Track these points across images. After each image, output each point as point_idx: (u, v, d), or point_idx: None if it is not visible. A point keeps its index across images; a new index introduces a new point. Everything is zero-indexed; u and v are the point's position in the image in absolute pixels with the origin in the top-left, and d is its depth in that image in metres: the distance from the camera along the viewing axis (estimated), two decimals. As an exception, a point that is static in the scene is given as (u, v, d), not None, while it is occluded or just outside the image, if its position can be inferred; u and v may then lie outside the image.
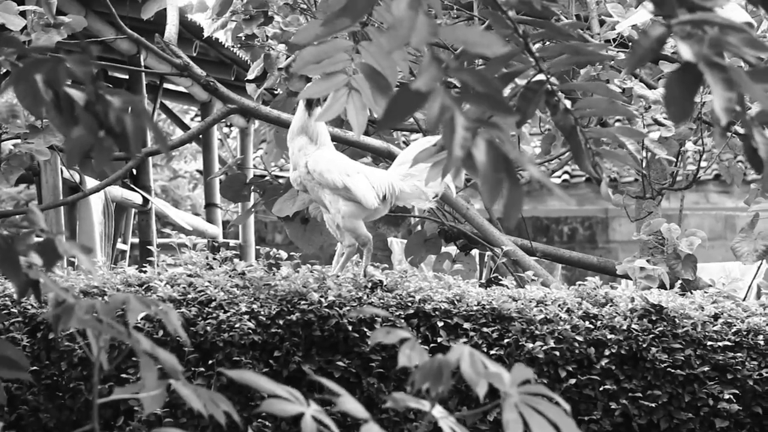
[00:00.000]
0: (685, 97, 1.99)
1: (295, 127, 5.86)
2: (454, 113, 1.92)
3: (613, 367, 5.36)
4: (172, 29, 7.83)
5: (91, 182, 9.04)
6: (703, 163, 8.04)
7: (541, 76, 2.24)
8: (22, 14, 6.74)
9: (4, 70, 2.34)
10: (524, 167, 1.93)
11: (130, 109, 2.22)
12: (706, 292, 5.86)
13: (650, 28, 2.06)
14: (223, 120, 10.91)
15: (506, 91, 2.42)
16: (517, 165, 1.94)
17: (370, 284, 5.52)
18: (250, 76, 7.99)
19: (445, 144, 1.92)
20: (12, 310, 5.30)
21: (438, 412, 2.12)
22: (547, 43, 6.02)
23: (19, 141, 6.96)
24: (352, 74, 2.45)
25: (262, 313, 5.26)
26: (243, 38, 7.92)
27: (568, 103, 2.21)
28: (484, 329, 5.36)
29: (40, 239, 2.40)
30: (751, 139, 2.08)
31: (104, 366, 2.26)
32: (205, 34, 8.37)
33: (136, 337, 2.18)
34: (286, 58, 7.79)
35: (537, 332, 5.36)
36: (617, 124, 9.09)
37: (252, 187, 8.12)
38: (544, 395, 2.06)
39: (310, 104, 5.81)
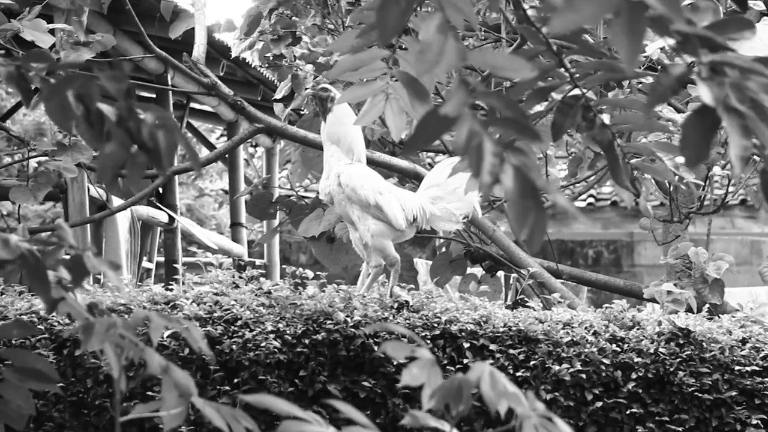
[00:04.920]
0: (701, 142, 1.96)
1: (324, 134, 5.88)
2: (483, 139, 1.91)
3: (640, 391, 5.33)
4: (200, 49, 7.85)
5: (117, 201, 9.06)
6: (731, 188, 8.01)
7: (576, 91, 2.23)
8: (51, 32, 6.77)
9: (34, 87, 2.34)
10: (549, 194, 1.92)
11: (161, 124, 2.22)
12: (733, 317, 5.82)
13: (672, 66, 2.04)
14: (249, 140, 10.94)
15: (542, 106, 2.41)
16: (542, 191, 1.92)
17: (396, 304, 5.50)
18: (278, 96, 8.01)
19: (473, 169, 1.91)
20: (38, 326, 5.30)
21: (455, 432, 2.11)
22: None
23: (46, 158, 6.98)
24: (390, 81, 2.45)
25: (288, 332, 5.26)
26: (270, 58, 7.94)
27: (606, 118, 2.20)
28: (511, 351, 5.34)
29: (69, 255, 2.40)
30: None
31: (122, 385, 2.25)
32: (233, 54, 8.39)
33: (150, 356, 2.18)
34: (314, 79, 7.80)
35: (563, 354, 5.34)
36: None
37: (278, 206, 8.13)
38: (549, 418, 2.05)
39: (324, 110, 5.82)
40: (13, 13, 6.84)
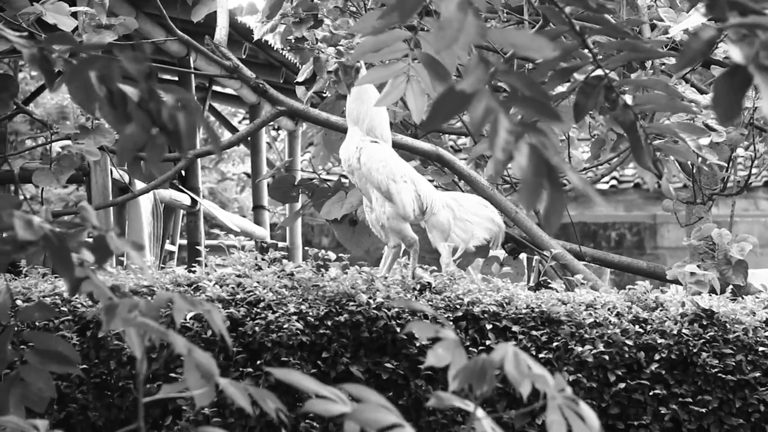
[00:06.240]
0: (732, 99, 1.97)
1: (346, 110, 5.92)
2: (498, 116, 1.90)
3: (663, 372, 5.32)
4: (222, 31, 7.85)
5: (140, 184, 9.08)
6: (755, 170, 7.98)
7: (599, 72, 2.21)
8: (74, 16, 6.77)
9: (57, 70, 2.35)
10: (566, 174, 1.91)
11: (182, 106, 2.22)
12: (757, 298, 5.79)
13: (701, 30, 2.04)
14: (271, 122, 10.94)
15: (564, 87, 2.40)
16: (559, 171, 1.92)
17: (418, 286, 5.50)
18: (300, 78, 8.00)
19: (489, 146, 1.90)
20: (62, 308, 5.32)
21: (479, 412, 2.10)
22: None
23: (69, 142, 7.00)
24: (411, 62, 2.44)
25: (311, 314, 5.26)
26: (292, 41, 7.93)
27: (628, 99, 2.19)
28: (533, 332, 5.33)
29: (92, 237, 2.41)
30: None
31: (143, 366, 2.26)
32: (255, 37, 8.38)
33: (173, 337, 2.18)
34: (335, 62, 7.79)
35: (586, 336, 5.33)
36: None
37: (300, 189, 8.13)
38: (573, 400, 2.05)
39: (349, 82, 5.83)
40: (35, -3, 6.84)
